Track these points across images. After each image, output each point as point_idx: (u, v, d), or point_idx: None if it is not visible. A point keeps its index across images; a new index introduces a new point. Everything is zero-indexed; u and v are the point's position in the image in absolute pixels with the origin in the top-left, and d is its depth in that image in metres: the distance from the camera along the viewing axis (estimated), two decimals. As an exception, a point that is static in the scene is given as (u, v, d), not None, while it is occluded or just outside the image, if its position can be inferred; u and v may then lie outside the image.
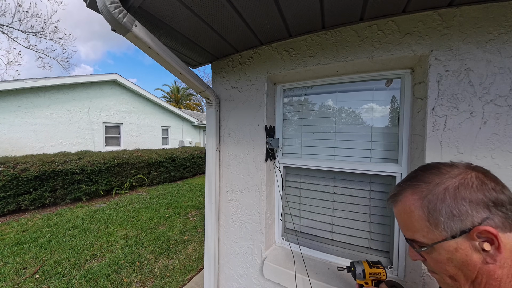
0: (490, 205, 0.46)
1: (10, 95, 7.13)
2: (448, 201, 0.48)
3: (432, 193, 0.50)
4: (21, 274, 2.89)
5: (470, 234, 0.46)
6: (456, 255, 0.48)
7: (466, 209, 0.46)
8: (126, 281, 2.84)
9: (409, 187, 0.55)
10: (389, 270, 1.34)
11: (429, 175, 0.53)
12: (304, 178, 1.65)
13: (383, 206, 1.38)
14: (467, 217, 0.46)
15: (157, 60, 1.26)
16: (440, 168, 0.54)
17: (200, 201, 6.41)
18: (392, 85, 1.35)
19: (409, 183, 0.56)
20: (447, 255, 0.49)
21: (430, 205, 0.49)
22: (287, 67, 1.49)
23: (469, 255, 0.46)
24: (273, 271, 1.52)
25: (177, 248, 3.72)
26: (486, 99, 0.99)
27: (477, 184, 0.48)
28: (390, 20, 1.16)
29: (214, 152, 1.80)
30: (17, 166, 5.05)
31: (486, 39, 0.99)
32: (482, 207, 0.46)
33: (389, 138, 1.35)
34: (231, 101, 1.78)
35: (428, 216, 0.50)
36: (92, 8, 1.11)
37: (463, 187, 0.48)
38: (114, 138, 10.34)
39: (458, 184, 0.49)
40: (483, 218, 0.45)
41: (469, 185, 0.48)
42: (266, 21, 1.23)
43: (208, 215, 1.85)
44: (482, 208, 0.46)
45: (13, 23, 10.16)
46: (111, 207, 5.74)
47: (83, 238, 3.99)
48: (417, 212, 0.51)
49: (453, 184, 0.49)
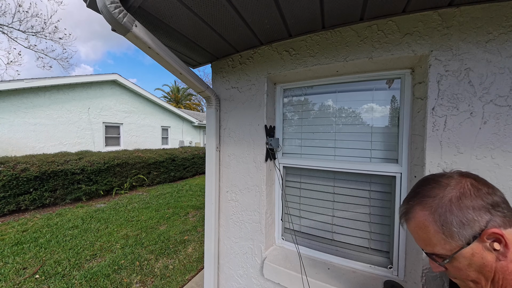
0: (490, 208, 0.50)
1: (10, 95, 7.13)
2: (455, 212, 0.52)
3: (440, 207, 0.54)
4: (21, 274, 2.89)
5: (481, 237, 0.50)
6: (473, 259, 0.51)
7: (472, 216, 0.50)
8: (126, 281, 2.84)
9: (417, 203, 0.58)
10: (389, 270, 1.34)
11: (431, 189, 0.57)
12: (304, 178, 1.65)
13: (383, 206, 1.38)
14: (475, 223, 0.50)
15: (157, 60, 1.26)
16: (438, 181, 0.58)
17: (200, 201, 6.41)
18: (392, 85, 1.35)
19: (415, 199, 0.59)
20: (466, 262, 0.52)
21: (442, 218, 0.53)
22: (287, 67, 1.49)
23: (484, 257, 0.50)
24: (273, 271, 1.52)
25: (177, 248, 3.72)
26: (486, 99, 0.99)
27: (474, 191, 0.53)
28: (390, 20, 1.16)
29: (214, 152, 1.80)
30: (17, 166, 5.05)
31: (486, 39, 0.99)
32: (484, 211, 0.50)
33: (389, 138, 1.35)
34: (231, 101, 1.78)
35: (443, 229, 0.53)
36: (92, 8, 1.11)
37: (464, 197, 0.52)
38: (114, 138, 10.34)
39: (459, 194, 0.53)
40: (487, 221, 0.50)
41: (468, 193, 0.53)
42: (266, 21, 1.23)
43: (208, 215, 1.85)
44: (484, 212, 0.50)
45: (13, 23, 10.17)
46: (111, 207, 5.74)
47: (83, 238, 3.99)
48: (431, 227, 0.55)
49: (455, 194, 0.53)
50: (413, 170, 1.21)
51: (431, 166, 1.08)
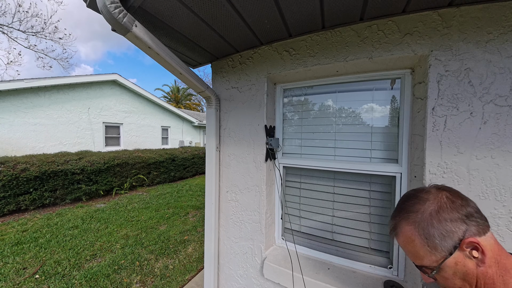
0: (465, 219, 0.55)
1: (10, 95, 7.12)
2: (436, 225, 0.56)
3: (422, 221, 0.58)
4: (21, 274, 2.89)
5: (461, 247, 0.54)
6: (457, 268, 0.55)
7: (450, 227, 0.55)
8: (126, 281, 2.84)
9: (402, 218, 0.63)
10: (389, 270, 1.34)
11: (413, 205, 0.62)
12: (304, 178, 1.65)
13: (383, 206, 1.38)
14: (454, 234, 0.55)
15: (157, 60, 1.26)
16: (418, 196, 0.63)
17: (200, 201, 6.41)
18: (394, 84, 1.35)
19: (401, 215, 0.64)
20: (451, 271, 0.56)
21: (425, 231, 0.57)
22: (287, 67, 1.49)
23: (466, 264, 0.54)
24: (273, 271, 1.52)
25: (177, 248, 3.72)
26: (486, 99, 0.99)
27: (449, 203, 0.57)
28: (390, 20, 1.16)
29: (214, 152, 1.80)
30: (17, 166, 5.04)
31: (486, 39, 0.99)
32: (460, 222, 0.55)
33: (389, 138, 1.35)
34: (231, 101, 1.78)
35: (427, 242, 0.57)
36: (92, 8, 1.11)
37: (442, 210, 0.57)
38: (114, 138, 10.33)
39: (437, 208, 0.58)
40: (464, 231, 0.54)
41: (445, 206, 0.57)
42: (266, 21, 1.23)
43: (208, 215, 1.85)
44: (461, 223, 0.55)
45: (13, 23, 10.17)
46: (111, 207, 5.74)
47: (83, 238, 3.99)
48: (417, 240, 0.59)
49: (434, 208, 0.58)
50: (413, 170, 1.21)
51: (431, 166, 1.08)
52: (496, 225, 0.98)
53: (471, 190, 1.02)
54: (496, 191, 0.98)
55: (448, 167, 1.06)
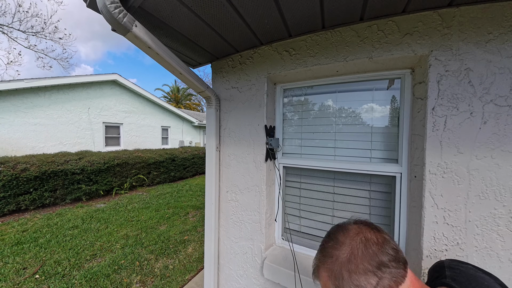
0: (376, 271, 0.51)
1: (10, 95, 7.12)
2: (346, 278, 0.52)
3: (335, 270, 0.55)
4: (21, 274, 2.89)
5: None
6: None
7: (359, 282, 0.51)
8: (126, 281, 2.84)
9: (320, 262, 0.60)
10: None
11: (330, 249, 0.58)
12: (304, 178, 1.65)
13: (383, 206, 1.38)
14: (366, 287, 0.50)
15: (157, 60, 1.26)
16: (337, 240, 0.59)
17: (200, 201, 6.41)
18: (392, 85, 1.35)
19: (320, 257, 0.61)
20: None
21: (337, 283, 0.54)
22: (287, 67, 1.49)
23: None
24: (273, 271, 1.52)
25: (177, 248, 3.72)
26: (486, 99, 0.99)
27: (362, 250, 0.53)
28: (390, 20, 1.16)
29: (214, 152, 1.80)
30: (17, 166, 5.04)
31: (486, 39, 0.99)
32: (371, 275, 0.51)
33: (389, 138, 1.35)
34: (231, 101, 1.78)
35: None
36: (92, 8, 1.11)
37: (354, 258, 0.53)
38: (114, 138, 10.33)
39: (349, 256, 0.54)
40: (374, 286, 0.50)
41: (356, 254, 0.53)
42: (266, 21, 1.23)
43: (208, 215, 1.85)
44: (371, 276, 0.50)
45: (13, 23, 10.18)
46: (111, 207, 5.74)
47: (83, 238, 3.99)
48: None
49: (346, 257, 0.54)
50: (413, 170, 1.21)
51: (431, 166, 1.08)
52: (496, 225, 0.98)
53: (471, 190, 1.02)
54: (496, 191, 0.98)
55: (448, 167, 1.06)
